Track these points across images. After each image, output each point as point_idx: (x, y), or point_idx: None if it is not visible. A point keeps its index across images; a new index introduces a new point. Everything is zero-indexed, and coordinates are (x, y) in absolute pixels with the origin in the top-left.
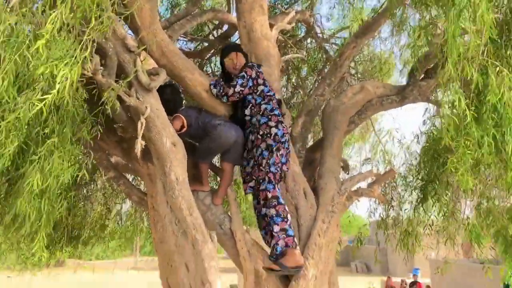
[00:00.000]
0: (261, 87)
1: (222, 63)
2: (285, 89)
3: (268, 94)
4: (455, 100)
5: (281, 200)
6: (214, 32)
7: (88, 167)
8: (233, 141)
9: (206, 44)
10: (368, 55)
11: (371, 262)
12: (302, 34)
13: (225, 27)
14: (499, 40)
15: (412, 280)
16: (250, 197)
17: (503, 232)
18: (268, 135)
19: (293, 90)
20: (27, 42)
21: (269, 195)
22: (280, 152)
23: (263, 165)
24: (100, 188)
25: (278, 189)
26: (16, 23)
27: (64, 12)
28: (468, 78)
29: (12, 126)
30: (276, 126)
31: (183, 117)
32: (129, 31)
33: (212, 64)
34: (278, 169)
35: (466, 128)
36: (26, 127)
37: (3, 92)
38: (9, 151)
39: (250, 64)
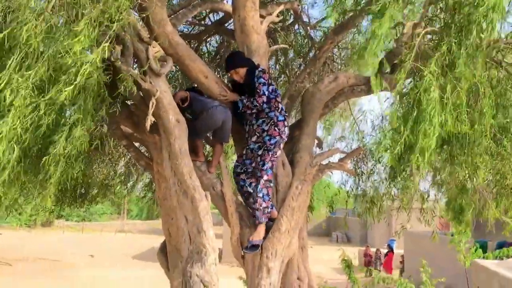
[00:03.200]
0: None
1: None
2: (273, 69)
3: (277, 92)
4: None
5: (272, 184)
6: (211, 16)
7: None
8: (221, 122)
9: (202, 28)
10: (348, 42)
11: (351, 233)
12: (291, 20)
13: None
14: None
15: (387, 250)
16: None
17: (453, 201)
18: (283, 133)
19: (280, 70)
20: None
21: (265, 177)
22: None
23: (271, 153)
24: (107, 153)
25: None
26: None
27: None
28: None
29: (47, 105)
30: (287, 127)
31: (188, 93)
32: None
33: (207, 45)
34: (275, 161)
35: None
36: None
37: (42, 76)
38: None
39: (261, 69)
